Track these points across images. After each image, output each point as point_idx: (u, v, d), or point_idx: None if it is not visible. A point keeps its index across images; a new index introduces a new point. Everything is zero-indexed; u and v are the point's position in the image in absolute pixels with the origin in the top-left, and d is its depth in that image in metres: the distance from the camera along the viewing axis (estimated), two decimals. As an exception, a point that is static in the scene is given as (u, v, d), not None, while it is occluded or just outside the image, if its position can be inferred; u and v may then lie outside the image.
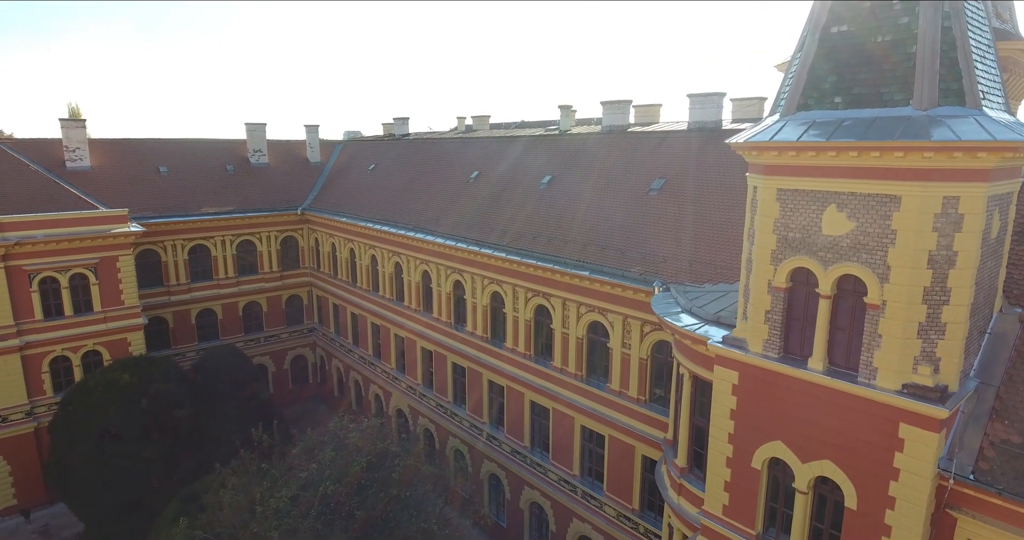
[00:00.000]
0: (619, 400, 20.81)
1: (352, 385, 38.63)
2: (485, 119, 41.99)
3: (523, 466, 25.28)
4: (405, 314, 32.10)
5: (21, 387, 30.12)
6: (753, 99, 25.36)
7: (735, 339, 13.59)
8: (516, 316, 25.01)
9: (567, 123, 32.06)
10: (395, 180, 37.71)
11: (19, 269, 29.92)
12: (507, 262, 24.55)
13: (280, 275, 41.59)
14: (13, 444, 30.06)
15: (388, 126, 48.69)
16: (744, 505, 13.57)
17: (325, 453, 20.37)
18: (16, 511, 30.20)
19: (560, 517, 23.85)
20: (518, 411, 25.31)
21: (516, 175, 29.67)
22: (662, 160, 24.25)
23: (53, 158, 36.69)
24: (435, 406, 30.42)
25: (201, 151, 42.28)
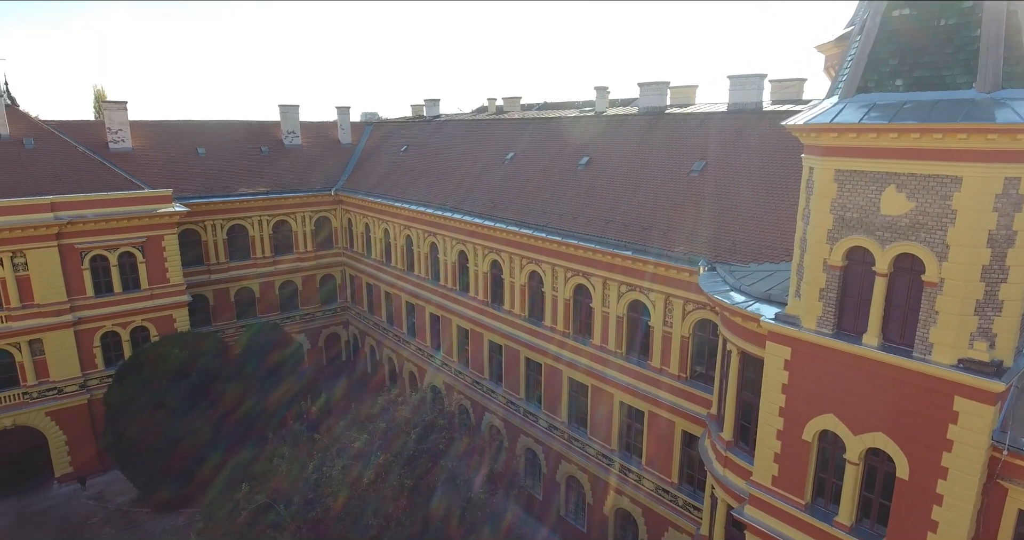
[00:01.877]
0: (660, 377, 21.35)
1: (385, 362, 39.59)
2: (516, 100, 42.14)
3: (560, 441, 26.01)
4: (441, 293, 32.79)
5: (75, 361, 31.41)
6: (793, 80, 25.36)
7: (788, 316, 14.00)
8: (555, 295, 25.54)
9: (602, 104, 32.21)
10: (429, 161, 38.16)
11: (71, 247, 31.01)
12: (547, 242, 25.01)
13: (314, 255, 42.47)
14: (68, 415, 31.44)
15: (416, 107, 49.02)
16: (793, 476, 14.10)
17: (376, 425, 21.19)
18: (73, 478, 31.70)
19: (597, 490, 24.61)
20: (556, 387, 25.97)
21: (553, 156, 29.98)
22: (702, 142, 24.44)
23: (96, 140, 37.61)
24: (471, 383, 31.22)
25: (237, 132, 43.02)
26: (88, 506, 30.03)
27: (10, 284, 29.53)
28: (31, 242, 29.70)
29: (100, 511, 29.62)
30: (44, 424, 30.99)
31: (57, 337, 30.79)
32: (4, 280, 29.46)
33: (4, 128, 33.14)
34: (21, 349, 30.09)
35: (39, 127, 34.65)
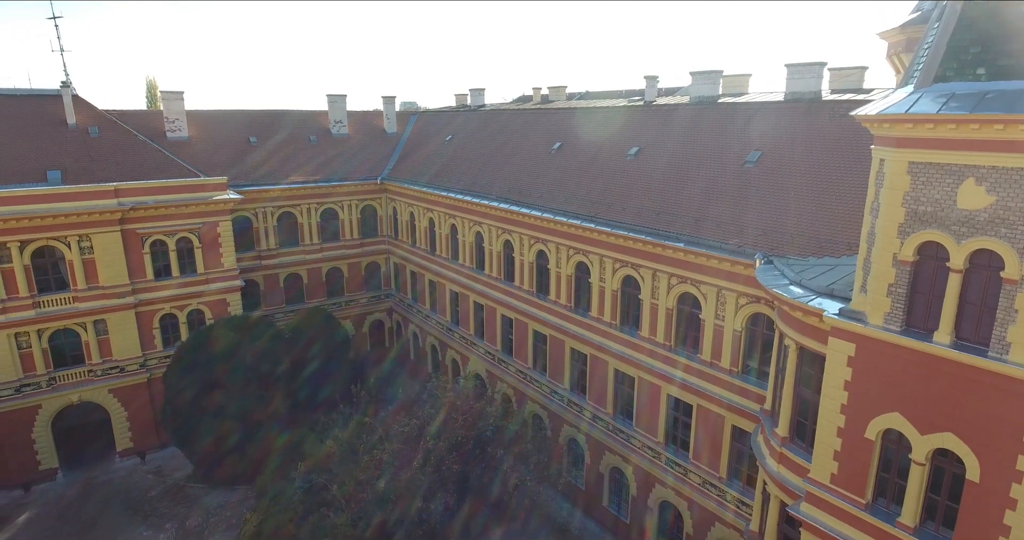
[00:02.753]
0: (710, 370, 21.11)
1: (428, 349, 40.15)
2: (561, 89, 41.91)
3: (605, 432, 26.03)
4: (485, 282, 33.02)
5: (136, 341, 32.82)
6: (853, 69, 24.53)
7: (853, 311, 13.67)
8: (602, 286, 25.45)
9: (651, 93, 31.76)
10: (474, 151, 38.30)
11: (133, 232, 32.30)
12: (595, 232, 24.90)
13: (360, 242, 43.22)
14: (129, 392, 32.93)
15: (460, 97, 49.20)
16: (854, 474, 13.83)
17: (425, 410, 21.58)
18: (133, 453, 33.26)
19: (642, 482, 24.58)
20: (601, 378, 25.95)
21: (601, 146, 29.74)
22: (757, 132, 23.88)
23: (154, 128, 38.90)
24: (515, 372, 31.43)
25: (286, 122, 43.92)
26: (147, 480, 31.47)
27: (77, 267, 30.96)
28: (96, 227, 31.04)
29: (159, 485, 31.01)
30: (107, 400, 32.54)
31: (120, 318, 32.20)
32: (72, 263, 30.91)
33: (71, 117, 34.55)
34: (87, 329, 31.59)
35: (102, 116, 36.02)
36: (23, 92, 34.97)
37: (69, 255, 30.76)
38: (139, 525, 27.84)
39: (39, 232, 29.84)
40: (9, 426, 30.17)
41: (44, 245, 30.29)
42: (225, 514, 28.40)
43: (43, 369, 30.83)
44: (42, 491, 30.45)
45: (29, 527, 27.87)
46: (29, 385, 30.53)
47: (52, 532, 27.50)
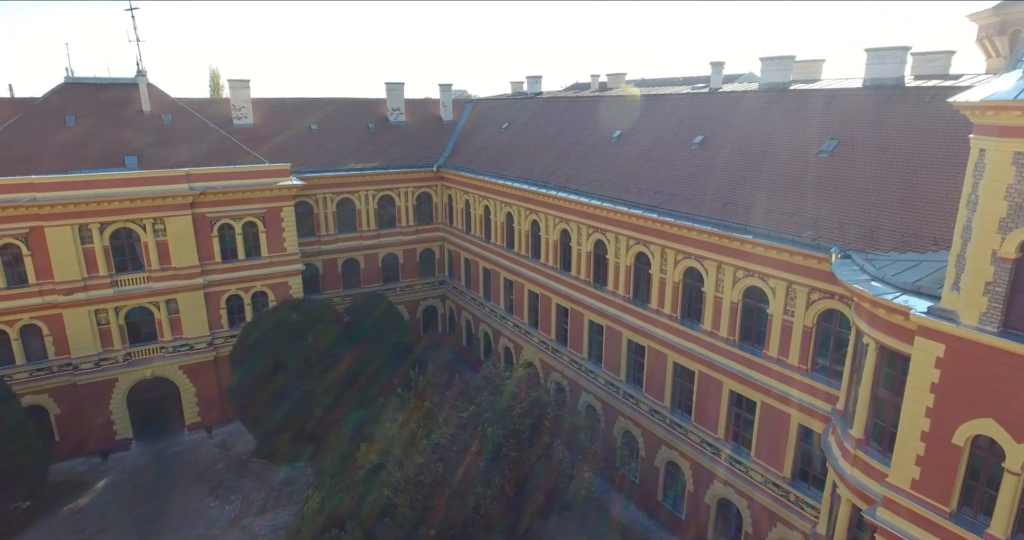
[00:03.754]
0: (776, 367, 20.47)
1: (481, 337, 40.44)
2: (620, 76, 41.08)
3: (662, 425, 25.67)
4: (541, 271, 32.92)
5: (204, 320, 34.21)
6: (939, 53, 23.09)
7: (943, 310, 12.93)
8: (663, 278, 24.97)
9: (717, 80, 30.80)
10: (531, 139, 38.08)
11: (203, 216, 33.54)
12: (657, 223, 24.40)
13: (416, 229, 43.76)
14: (197, 369, 34.42)
15: (516, 84, 48.92)
16: (938, 481, 13.17)
17: (483, 397, 21.71)
18: (200, 427, 34.83)
19: (699, 478, 24.16)
20: (659, 372, 25.55)
21: (664, 134, 29.08)
22: (833, 120, 22.84)
23: (222, 116, 40.20)
24: (568, 362, 31.32)
25: (346, 110, 44.67)
26: (214, 453, 32.91)
27: (151, 248, 32.42)
28: (169, 210, 32.37)
29: (224, 458, 32.39)
30: (177, 376, 34.12)
31: (190, 298, 33.61)
32: (147, 244, 32.38)
33: (146, 105, 36.06)
34: (160, 307, 33.11)
35: (174, 104, 37.42)
36: (103, 81, 36.63)
37: (144, 237, 32.22)
38: (207, 496, 29.16)
39: (117, 214, 31.34)
40: (89, 398, 32.03)
41: (122, 227, 31.80)
42: (286, 490, 29.48)
43: (120, 345, 32.52)
44: (118, 459, 32.27)
45: (107, 492, 29.59)
46: (107, 359, 32.28)
47: (127, 498, 29.11)
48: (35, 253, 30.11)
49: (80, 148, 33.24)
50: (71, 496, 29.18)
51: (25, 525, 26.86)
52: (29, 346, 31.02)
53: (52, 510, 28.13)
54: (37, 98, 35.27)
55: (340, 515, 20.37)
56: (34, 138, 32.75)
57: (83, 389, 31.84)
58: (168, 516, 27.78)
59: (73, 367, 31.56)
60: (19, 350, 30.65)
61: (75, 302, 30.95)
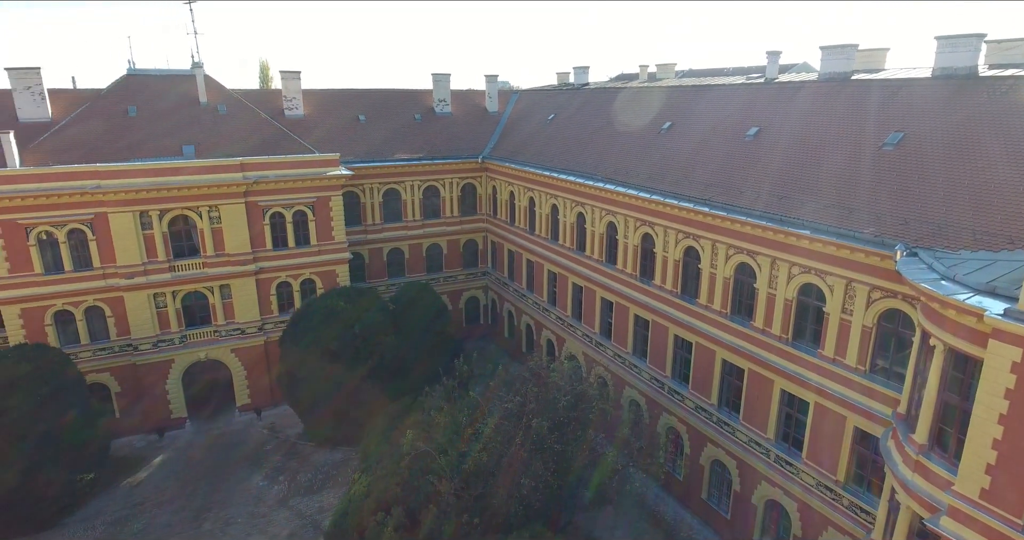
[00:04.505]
0: (832, 367, 19.81)
1: (523, 328, 40.47)
2: (670, 66, 40.37)
3: (708, 423, 25.23)
4: (586, 264, 32.66)
5: (255, 306, 35.23)
6: (1016, 41, 21.80)
7: (1021, 313, 12.24)
8: (713, 273, 24.44)
9: (773, 70, 29.83)
10: (577, 130, 37.71)
11: (256, 205, 34.43)
12: (708, 216, 23.87)
13: (459, 220, 43.99)
14: (248, 353, 35.50)
15: (562, 75, 48.53)
16: (1011, 491, 12.52)
17: (528, 388, 21.71)
18: (251, 409, 35.97)
19: (746, 477, 23.68)
20: (707, 368, 25.08)
21: (716, 126, 28.37)
22: (898, 111, 21.84)
23: (273, 107, 41.07)
24: (612, 356, 31.06)
25: (393, 100, 45.10)
26: (263, 434, 33.97)
27: (207, 235, 33.49)
28: (224, 198, 33.33)
29: (272, 440, 33.40)
30: (229, 359, 35.27)
31: (242, 284, 34.64)
32: (202, 231, 33.45)
33: (203, 96, 37.12)
34: (214, 292, 34.24)
35: (229, 95, 38.42)
36: (163, 72, 37.87)
37: (200, 224, 33.29)
38: (256, 475, 30.14)
39: (176, 202, 32.44)
40: (148, 377, 33.42)
41: (179, 214, 32.92)
42: (332, 472, 30.22)
43: (176, 327, 33.79)
44: (173, 437, 33.62)
45: (163, 468, 30.89)
46: (164, 341, 33.58)
47: (182, 474, 30.33)
48: (99, 238, 31.47)
49: (141, 137, 34.50)
50: (130, 470, 30.58)
51: (88, 496, 28.26)
52: (93, 327, 32.52)
53: (113, 483, 29.54)
54: (101, 89, 36.70)
55: (386, 500, 20.72)
56: (99, 128, 34.13)
57: (142, 369, 33.24)
58: (220, 493, 28.84)
59: (133, 348, 32.96)
60: (84, 330, 32.17)
61: (135, 285, 32.26)
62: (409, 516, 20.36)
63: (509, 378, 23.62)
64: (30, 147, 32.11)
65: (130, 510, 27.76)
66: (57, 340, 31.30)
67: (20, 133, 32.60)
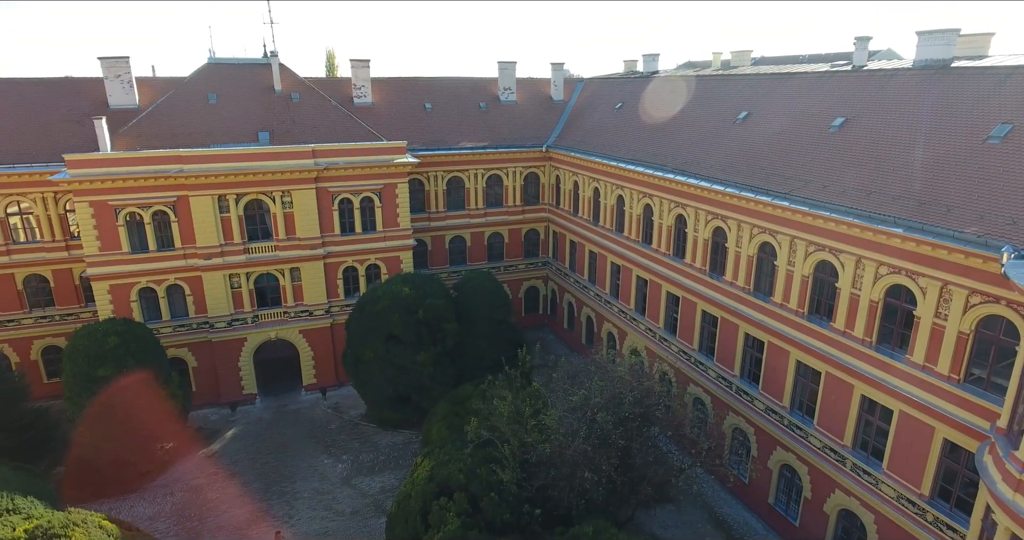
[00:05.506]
0: (922, 375, 18.64)
1: (584, 320, 40.11)
2: (745, 54, 38.81)
3: (779, 426, 24.33)
4: (651, 257, 31.96)
5: (322, 289, 36.23)
6: None
7: None
8: (790, 270, 23.40)
9: (862, 57, 28.13)
10: (646, 119, 36.78)
11: (325, 191, 35.28)
12: (788, 211, 22.81)
13: (522, 209, 43.87)
14: (315, 335, 36.62)
15: (629, 63, 47.44)
16: None
17: (593, 382, 21.44)
18: (316, 388, 37.17)
19: (819, 485, 22.73)
20: (779, 369, 24.14)
21: (797, 116, 27.05)
22: (1006, 102, 20.14)
23: (343, 95, 41.86)
24: (677, 352, 30.36)
25: (459, 89, 45.19)
26: (327, 413, 35.04)
27: (279, 219, 34.60)
28: (296, 184, 34.30)
29: (336, 419, 34.41)
30: (297, 339, 36.48)
31: (311, 267, 35.67)
32: (275, 215, 34.57)
33: (278, 84, 38.18)
34: (284, 275, 35.42)
35: (302, 83, 39.36)
36: (241, 61, 39.14)
37: (273, 208, 34.40)
38: (322, 453, 31.14)
39: (251, 187, 33.60)
40: (222, 354, 34.98)
41: (254, 198, 34.09)
42: (393, 454, 30.90)
43: (249, 307, 35.16)
44: (244, 412, 35.14)
45: (235, 441, 32.33)
46: (238, 320, 35.02)
47: (252, 447, 31.67)
48: (180, 220, 32.97)
49: (220, 124, 35.85)
50: (205, 441, 32.14)
51: (167, 464, 29.90)
52: (173, 304, 34.24)
53: (190, 452, 31.12)
54: (184, 77, 38.29)
55: (449, 485, 20.94)
56: (182, 114, 35.63)
57: (217, 346, 34.80)
58: (287, 468, 29.96)
59: (209, 325, 34.52)
60: (165, 307, 33.91)
61: (213, 266, 33.70)
62: (471, 502, 20.52)
63: (572, 370, 23.37)
64: (120, 132, 33.88)
65: (205, 479, 29.21)
66: (141, 316, 33.11)
67: (111, 119, 34.46)
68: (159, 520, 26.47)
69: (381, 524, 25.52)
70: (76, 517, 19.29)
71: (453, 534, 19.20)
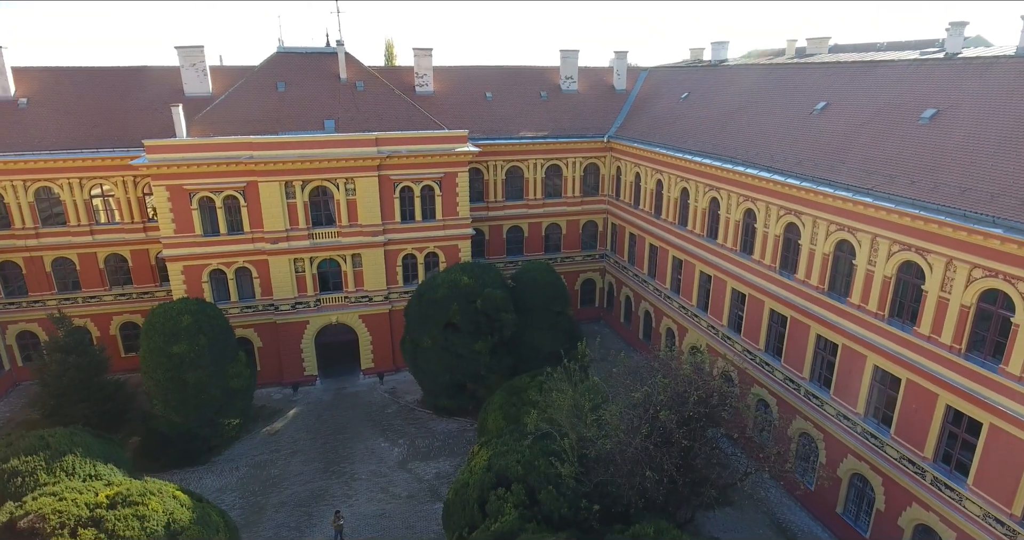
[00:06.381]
0: (1019, 387, 17.36)
1: (641, 315, 39.39)
2: (823, 41, 36.78)
3: (851, 433, 23.22)
4: (718, 252, 30.97)
5: (382, 275, 36.79)
6: None
7: None
8: (870, 271, 22.18)
9: (955, 44, 26.24)
10: (714, 110, 35.55)
11: (387, 178, 35.67)
12: (871, 208, 21.59)
13: (580, 200, 43.31)
14: (374, 320, 37.28)
15: (695, 51, 45.92)
16: None
17: (657, 379, 20.93)
18: (373, 372, 37.90)
19: (894, 497, 21.60)
20: (854, 374, 22.99)
21: (881, 107, 25.50)
22: None
23: (404, 83, 42.11)
24: (740, 351, 29.40)
25: (520, 78, 44.80)
26: (384, 397, 35.69)
27: (342, 206, 35.24)
28: (359, 171, 34.81)
29: (393, 404, 35.00)
30: (356, 324, 37.22)
31: (372, 254, 36.25)
32: (338, 202, 35.21)
33: (343, 72, 38.74)
34: (346, 260, 36.12)
35: (366, 71, 39.80)
36: (308, 50, 39.89)
37: (337, 195, 35.05)
38: (379, 436, 31.75)
39: (316, 173, 34.30)
40: (286, 336, 36.06)
41: (319, 185, 34.80)
42: (448, 441, 31.21)
43: (312, 291, 36.05)
44: (305, 392, 36.18)
45: (296, 420, 33.33)
46: (301, 303, 35.98)
47: (313, 427, 32.58)
48: (250, 205, 33.99)
49: (288, 111, 36.68)
50: (268, 419, 33.27)
51: (233, 439, 31.09)
52: (241, 286, 35.44)
53: (254, 429, 32.29)
54: (253, 66, 39.31)
55: (506, 476, 20.92)
56: (252, 102, 36.62)
57: (281, 327, 35.88)
58: (346, 449, 30.68)
59: (274, 307, 35.60)
60: (234, 289, 35.15)
61: (279, 250, 34.67)
62: (528, 494, 20.44)
63: (634, 366, 22.89)
64: (195, 119, 35.10)
65: (268, 456, 30.25)
66: (212, 296, 34.41)
67: (186, 106, 35.70)
68: (226, 492, 27.57)
69: (436, 509, 25.87)
70: (152, 486, 20.21)
71: (511, 525, 19.18)
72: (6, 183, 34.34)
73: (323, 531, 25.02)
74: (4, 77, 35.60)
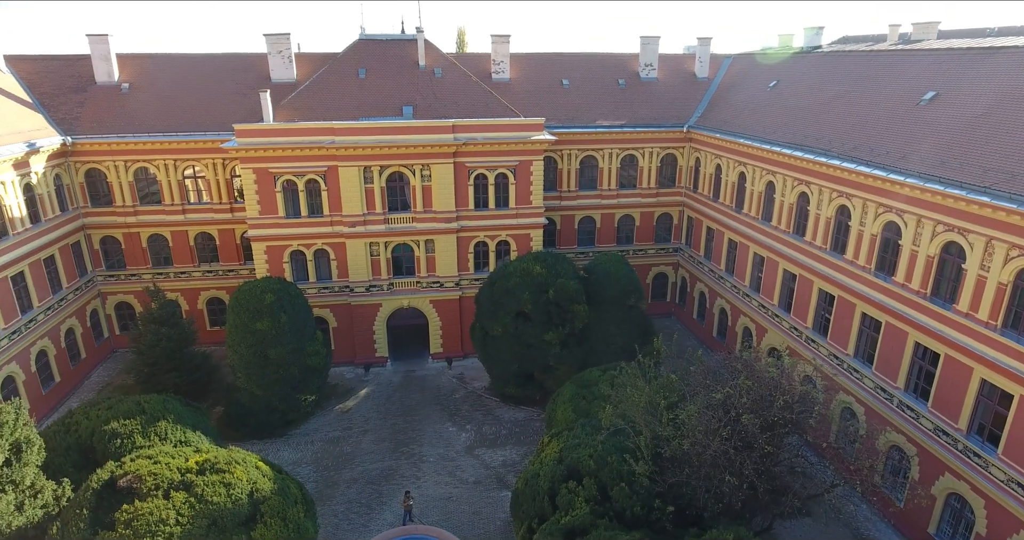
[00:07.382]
0: None
1: (716, 312, 38.10)
2: (931, 26, 34.02)
3: (951, 450, 21.61)
4: (804, 250, 29.43)
5: (454, 262, 37.08)
6: None
7: None
8: (982, 275, 20.44)
9: (1093, 28, 23.66)
10: (806, 99, 33.63)
11: (462, 165, 35.78)
12: (988, 208, 19.80)
13: (656, 192, 42.18)
14: (444, 305, 37.69)
15: (784, 37, 43.54)
16: None
17: (740, 380, 20.10)
18: (442, 357, 38.42)
19: (998, 522, 19.98)
20: (958, 386, 21.34)
21: (1002, 98, 23.31)
22: None
23: (481, 70, 41.97)
24: (826, 355, 27.91)
25: (598, 65, 43.84)
26: (452, 382, 36.12)
27: (417, 192, 35.65)
28: (435, 158, 35.06)
29: (461, 389, 35.37)
30: (427, 309, 37.75)
31: (444, 240, 36.57)
32: (414, 188, 35.64)
33: (422, 60, 39.03)
34: (419, 246, 36.61)
35: (444, 58, 39.95)
36: (389, 37, 40.43)
37: (413, 181, 35.47)
38: (446, 420, 32.18)
39: (394, 159, 34.79)
40: (360, 317, 37.00)
41: (396, 171, 35.30)
42: (515, 430, 31.28)
43: (385, 275, 36.78)
44: (376, 373, 37.09)
45: (368, 400, 34.22)
46: (375, 286, 36.78)
47: (383, 408, 33.37)
48: (330, 189, 34.88)
49: (369, 97, 37.32)
50: (341, 397, 34.30)
51: (308, 415, 32.24)
52: (319, 267, 36.56)
53: (327, 407, 33.37)
54: (337, 53, 40.15)
55: (578, 470, 20.70)
56: (335, 88, 37.47)
57: (355, 309, 36.83)
58: (414, 430, 31.26)
59: (349, 289, 36.55)
60: (312, 270, 36.29)
61: (356, 234, 35.49)
62: (600, 490, 20.16)
63: (714, 365, 22.09)
64: (280, 105, 36.24)
65: (341, 432, 31.21)
66: (291, 276, 35.66)
67: (273, 92, 36.87)
68: (301, 465, 28.64)
69: (503, 497, 25.99)
70: (237, 455, 21.15)
71: (582, 520, 18.99)
72: (110, 163, 36.62)
73: (392, 510, 25.59)
74: (109, 63, 37.84)
